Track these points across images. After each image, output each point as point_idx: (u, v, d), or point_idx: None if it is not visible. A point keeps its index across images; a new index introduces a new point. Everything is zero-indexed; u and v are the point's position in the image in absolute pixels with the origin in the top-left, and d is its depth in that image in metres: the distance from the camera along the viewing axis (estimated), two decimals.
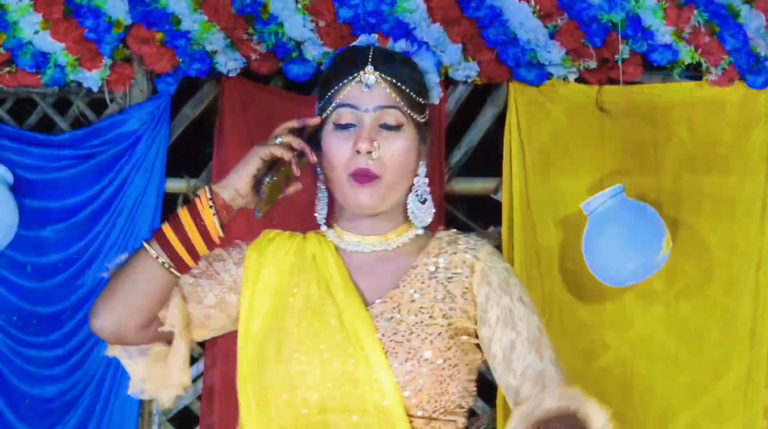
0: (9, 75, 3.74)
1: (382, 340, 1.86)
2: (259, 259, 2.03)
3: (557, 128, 3.76)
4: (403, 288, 1.92)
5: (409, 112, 1.94)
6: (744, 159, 3.75)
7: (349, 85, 1.94)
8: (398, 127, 1.93)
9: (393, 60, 1.96)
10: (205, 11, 3.67)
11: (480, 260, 1.93)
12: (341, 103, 1.94)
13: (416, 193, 1.97)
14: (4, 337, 3.77)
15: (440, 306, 1.90)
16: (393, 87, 1.93)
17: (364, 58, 1.94)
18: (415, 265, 1.95)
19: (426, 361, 1.85)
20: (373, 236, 1.98)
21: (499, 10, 3.67)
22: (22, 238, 3.75)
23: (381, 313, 1.90)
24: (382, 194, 1.93)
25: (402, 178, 1.94)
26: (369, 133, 1.91)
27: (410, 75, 1.96)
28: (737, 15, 3.67)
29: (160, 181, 3.79)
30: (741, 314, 3.71)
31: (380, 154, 1.91)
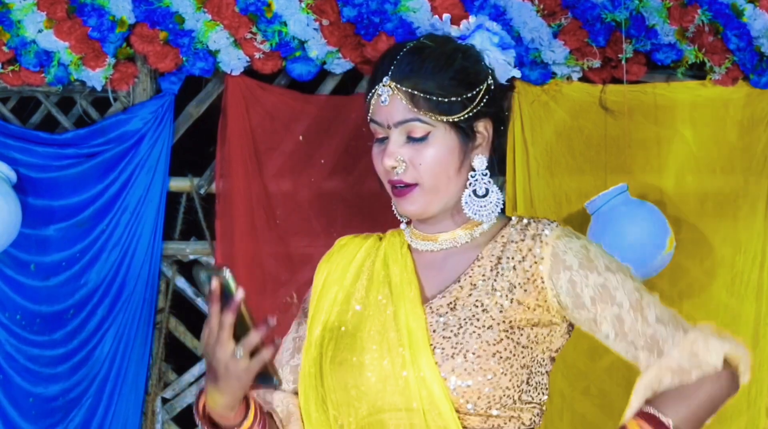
0: (13, 74, 3.74)
1: (433, 337, 1.83)
2: (328, 268, 2.00)
3: (561, 127, 3.76)
4: (464, 281, 1.89)
5: (436, 117, 1.86)
6: (747, 158, 3.75)
7: (372, 100, 1.89)
8: (424, 138, 1.87)
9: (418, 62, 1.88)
10: (209, 10, 3.67)
11: (548, 245, 1.87)
12: (371, 119, 1.90)
13: (471, 188, 1.91)
14: (8, 336, 3.77)
15: (496, 298, 1.85)
16: (411, 98, 1.85)
17: (386, 67, 1.88)
18: (480, 257, 1.90)
19: (473, 356, 1.80)
20: (442, 234, 1.93)
21: (503, 9, 3.67)
22: (26, 237, 3.75)
23: (438, 309, 1.86)
24: (426, 200, 1.88)
25: (445, 181, 1.88)
26: (392, 148, 1.87)
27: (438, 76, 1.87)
28: (741, 14, 3.67)
29: (164, 180, 3.79)
30: (744, 313, 3.71)
31: (411, 165, 1.87)
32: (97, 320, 3.75)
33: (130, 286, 3.76)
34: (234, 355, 1.69)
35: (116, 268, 3.76)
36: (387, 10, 3.64)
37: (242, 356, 1.69)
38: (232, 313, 1.68)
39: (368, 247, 2.01)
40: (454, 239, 1.93)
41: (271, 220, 3.79)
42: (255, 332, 1.69)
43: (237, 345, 1.69)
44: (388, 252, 1.97)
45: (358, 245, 2.02)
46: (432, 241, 1.94)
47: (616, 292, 1.89)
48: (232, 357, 1.69)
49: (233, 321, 1.69)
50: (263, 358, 1.70)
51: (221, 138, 3.79)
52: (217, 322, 1.69)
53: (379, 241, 2.02)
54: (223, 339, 1.69)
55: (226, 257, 3.75)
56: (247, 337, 1.69)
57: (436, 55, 1.89)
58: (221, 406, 1.77)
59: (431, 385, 1.80)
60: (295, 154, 3.79)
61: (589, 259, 1.90)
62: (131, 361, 3.75)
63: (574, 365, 3.61)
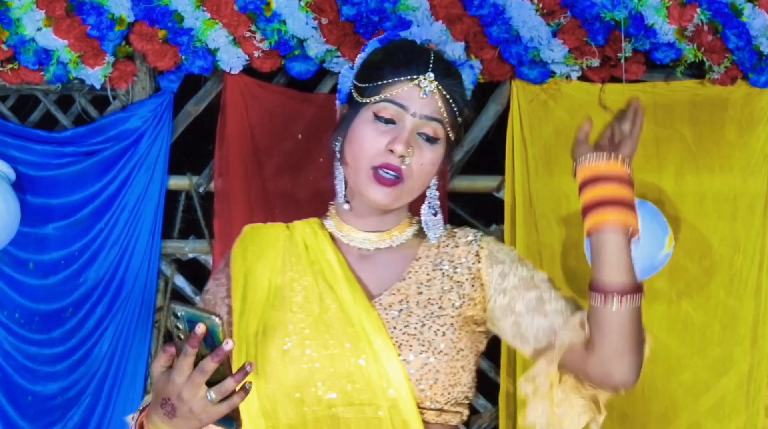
0: (12, 72, 3.74)
1: (394, 333, 1.86)
2: (245, 257, 2.00)
3: (560, 126, 3.76)
4: (409, 280, 1.93)
5: (448, 128, 1.93)
6: (746, 157, 3.75)
7: (405, 84, 1.90)
8: (435, 140, 1.92)
9: (451, 73, 1.94)
10: (208, 9, 3.67)
11: (484, 247, 1.96)
12: (391, 99, 1.90)
13: (429, 205, 1.97)
14: (6, 334, 3.77)
15: (448, 296, 1.91)
16: (445, 101, 1.91)
17: (426, 62, 1.91)
18: (417, 257, 1.95)
19: (441, 353, 1.85)
20: (377, 233, 1.98)
21: (502, 8, 3.67)
22: (25, 235, 3.75)
23: (389, 306, 1.89)
24: (398, 197, 1.92)
25: (420, 187, 1.94)
26: (407, 136, 1.89)
27: (461, 92, 1.95)
28: (740, 13, 3.67)
29: (163, 178, 3.79)
30: (743, 313, 3.71)
31: (412, 161, 1.89)
32: (96, 318, 3.75)
33: (128, 285, 3.76)
34: (203, 398, 1.66)
35: (115, 267, 3.76)
36: (386, 8, 3.64)
37: (213, 400, 1.66)
38: (219, 362, 1.65)
39: (283, 237, 2.01)
40: (390, 240, 1.97)
41: (270, 219, 3.75)
42: (231, 380, 1.66)
43: (209, 389, 1.66)
44: (310, 243, 1.98)
45: (272, 235, 2.02)
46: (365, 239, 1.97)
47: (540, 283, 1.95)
48: (201, 399, 1.66)
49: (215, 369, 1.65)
50: (233, 404, 1.68)
51: (220, 136, 3.79)
52: (191, 364, 1.65)
53: (288, 230, 2.03)
54: (197, 382, 1.65)
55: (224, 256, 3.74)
56: (224, 383, 1.66)
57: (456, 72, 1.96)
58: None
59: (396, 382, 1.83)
60: (294, 153, 3.79)
61: (520, 258, 1.98)
62: (130, 360, 3.75)
63: None
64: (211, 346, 1.65)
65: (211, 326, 1.64)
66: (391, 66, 1.92)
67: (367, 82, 1.92)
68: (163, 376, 1.69)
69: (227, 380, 1.66)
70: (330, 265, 1.94)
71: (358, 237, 1.98)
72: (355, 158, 1.92)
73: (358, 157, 1.91)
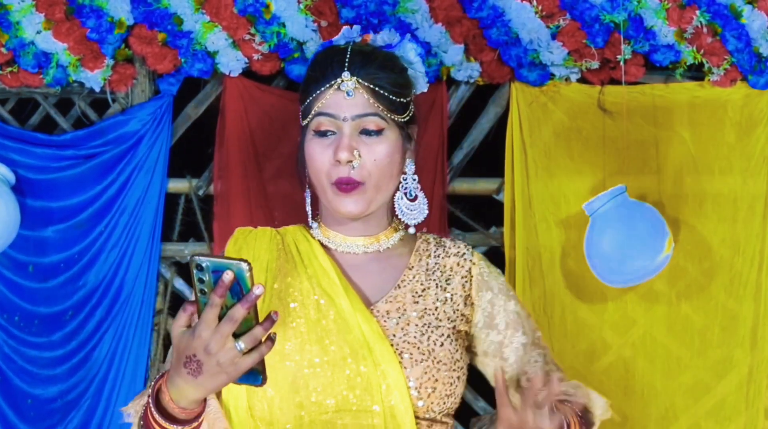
0: (11, 75, 3.74)
1: (394, 341, 1.85)
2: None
3: (559, 128, 3.76)
4: (404, 288, 1.92)
5: (389, 115, 1.90)
6: (746, 159, 3.75)
7: (327, 93, 1.89)
8: (379, 132, 1.90)
9: (371, 62, 1.92)
10: (207, 11, 3.67)
11: (475, 265, 1.96)
12: (320, 112, 1.90)
13: (404, 191, 1.95)
14: (6, 337, 3.77)
15: (444, 309, 1.91)
16: (372, 93, 1.89)
17: (341, 63, 1.90)
18: (410, 266, 1.95)
19: (440, 363, 1.85)
20: (363, 237, 1.96)
21: (501, 11, 3.67)
22: (24, 238, 3.75)
23: (387, 314, 1.89)
24: (368, 199, 1.91)
25: (387, 180, 1.92)
26: (348, 141, 1.88)
27: (390, 76, 1.92)
28: (739, 15, 3.67)
29: (162, 182, 3.79)
30: (743, 314, 3.71)
31: (362, 161, 1.88)
32: (96, 321, 3.75)
33: (128, 288, 3.76)
34: (232, 349, 1.60)
35: (115, 270, 3.76)
36: (385, 11, 3.64)
37: (243, 350, 1.61)
38: (248, 308, 1.59)
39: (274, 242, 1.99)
40: (378, 244, 1.96)
41: (270, 222, 3.78)
42: (260, 327, 1.61)
43: (237, 339, 1.61)
44: (303, 249, 1.97)
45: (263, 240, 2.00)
46: (353, 244, 1.96)
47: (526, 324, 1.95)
48: (229, 350, 1.60)
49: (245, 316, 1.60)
50: (262, 354, 1.62)
51: (220, 139, 3.79)
52: (216, 315, 1.60)
53: (280, 236, 2.01)
54: (225, 332, 1.59)
55: None
56: (253, 331, 1.61)
57: (381, 56, 1.93)
58: (190, 401, 1.68)
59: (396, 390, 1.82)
60: (294, 156, 3.76)
61: (507, 288, 1.97)
62: (129, 363, 3.75)
63: (572, 366, 3.61)
64: (238, 295, 1.59)
65: (238, 272, 1.58)
66: (313, 80, 1.92)
67: (302, 103, 1.94)
68: (184, 335, 1.63)
69: (256, 328, 1.60)
70: (325, 271, 1.93)
71: (345, 242, 1.97)
72: (314, 178, 1.92)
73: (316, 176, 1.92)
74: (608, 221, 3.51)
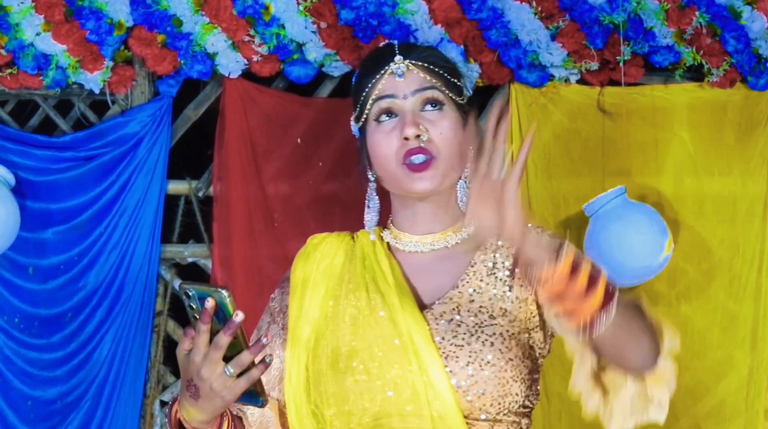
0: (11, 77, 3.74)
1: (442, 344, 1.82)
2: (305, 266, 1.99)
3: (559, 129, 3.76)
4: (462, 288, 1.88)
5: (447, 92, 1.90)
6: (745, 160, 3.75)
7: (382, 80, 1.90)
8: (440, 104, 1.89)
9: (417, 47, 1.94)
10: (207, 13, 3.67)
11: None
12: (378, 97, 1.89)
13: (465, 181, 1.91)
14: (6, 339, 3.77)
15: (500, 304, 1.86)
16: (426, 70, 1.89)
17: (390, 52, 1.91)
18: (473, 263, 1.90)
19: (488, 364, 1.80)
20: (432, 235, 1.94)
21: (501, 12, 3.67)
22: (24, 240, 3.75)
23: (441, 315, 1.85)
24: (441, 174, 1.87)
25: (456, 158, 1.89)
26: (412, 117, 1.87)
27: (440, 57, 1.93)
28: (739, 16, 3.67)
29: (162, 183, 3.79)
30: (742, 315, 3.71)
31: (429, 136, 1.86)
32: (96, 323, 3.75)
33: (128, 289, 3.76)
34: (222, 374, 1.66)
35: (114, 271, 3.76)
36: (385, 12, 3.64)
37: (232, 375, 1.66)
38: (231, 335, 1.65)
39: (345, 247, 1.99)
40: (445, 240, 1.93)
41: (269, 223, 3.78)
42: (247, 352, 1.66)
43: (227, 364, 1.66)
44: (368, 253, 1.96)
45: (335, 245, 2.01)
46: (420, 242, 1.94)
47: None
48: (219, 375, 1.66)
49: (229, 343, 1.65)
50: (253, 378, 1.67)
51: (219, 141, 3.79)
52: (206, 341, 1.66)
53: (352, 240, 2.01)
54: (214, 359, 1.65)
55: (223, 260, 3.75)
56: (240, 356, 1.66)
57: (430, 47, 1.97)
58: (198, 421, 1.74)
59: (442, 393, 1.80)
60: (293, 157, 3.79)
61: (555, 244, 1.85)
62: (129, 364, 3.75)
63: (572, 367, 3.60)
64: (224, 321, 1.65)
65: (219, 300, 1.64)
66: (364, 78, 1.92)
67: (358, 102, 1.93)
68: (186, 359, 1.69)
69: (243, 353, 1.65)
70: (383, 273, 1.92)
71: (412, 241, 1.94)
72: (383, 167, 1.90)
73: (384, 163, 1.89)
74: (608, 222, 3.51)
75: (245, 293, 3.68)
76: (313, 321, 1.93)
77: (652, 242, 3.51)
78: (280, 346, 1.97)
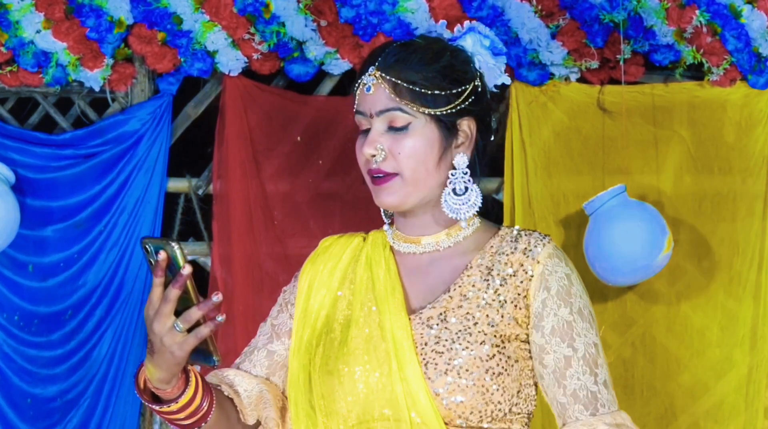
0: (11, 74, 3.74)
1: (424, 350, 1.81)
2: (313, 269, 1.99)
3: (559, 128, 3.76)
4: (453, 292, 1.86)
5: (417, 108, 1.85)
6: (745, 159, 3.75)
7: (358, 90, 1.89)
8: (404, 128, 1.86)
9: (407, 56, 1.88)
10: (207, 11, 3.67)
11: (539, 263, 1.85)
12: (355, 110, 1.90)
13: (451, 186, 1.88)
14: (6, 337, 3.77)
15: (487, 312, 1.83)
16: (392, 87, 1.85)
17: (372, 60, 1.89)
18: (469, 267, 1.88)
19: (466, 372, 1.78)
20: (425, 236, 1.92)
21: (501, 10, 3.67)
22: (24, 238, 3.75)
23: (427, 320, 1.84)
24: (405, 192, 1.87)
25: (424, 173, 1.87)
26: (373, 136, 1.86)
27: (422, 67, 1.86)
28: (739, 15, 3.67)
29: (162, 181, 3.79)
30: (742, 314, 3.71)
31: (390, 155, 1.85)
32: (96, 321, 3.75)
33: (128, 287, 3.76)
34: (172, 329, 1.66)
35: (114, 269, 3.76)
36: (385, 10, 3.64)
37: (181, 330, 1.66)
38: (179, 288, 1.64)
39: (353, 248, 1.99)
40: (437, 243, 1.91)
41: (269, 221, 3.79)
42: (196, 308, 1.66)
43: (177, 319, 1.66)
44: (371, 254, 1.95)
45: (343, 246, 2.00)
46: (414, 244, 1.93)
47: (578, 338, 1.84)
48: (170, 330, 1.66)
49: (178, 296, 1.65)
50: (201, 334, 1.67)
51: (219, 139, 3.79)
52: (159, 295, 1.66)
53: (363, 241, 2.00)
54: (164, 312, 1.66)
55: (223, 258, 3.75)
56: (189, 311, 1.66)
57: (423, 49, 1.89)
58: (157, 379, 1.73)
59: (421, 400, 1.78)
60: (293, 155, 3.79)
61: (568, 293, 1.85)
62: (129, 362, 3.75)
63: None
64: (176, 274, 1.66)
65: (171, 253, 1.65)
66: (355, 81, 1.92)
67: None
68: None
69: (192, 309, 1.66)
70: (379, 275, 1.91)
71: (406, 243, 1.93)
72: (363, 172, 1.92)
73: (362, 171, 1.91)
74: (608, 221, 3.51)
75: (245, 291, 3.69)
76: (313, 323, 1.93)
77: (651, 241, 3.51)
78: (286, 333, 1.98)
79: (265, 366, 1.97)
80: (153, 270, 1.67)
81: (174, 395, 1.76)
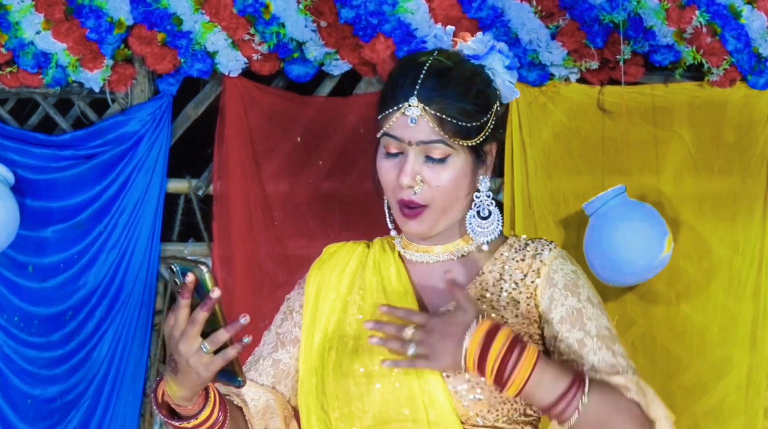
0: (11, 75, 3.74)
1: None
2: (319, 275, 2.00)
3: (559, 128, 3.76)
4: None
5: (456, 141, 1.87)
6: (745, 159, 3.75)
7: (394, 115, 1.87)
8: (443, 159, 1.87)
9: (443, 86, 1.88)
10: (207, 11, 3.67)
11: (546, 264, 1.91)
12: (387, 133, 1.88)
13: (476, 209, 1.92)
14: (6, 338, 3.77)
15: (502, 314, 1.87)
16: (437, 121, 1.86)
17: (412, 83, 1.87)
18: (481, 273, 1.91)
19: None
20: (439, 246, 1.95)
21: (501, 11, 3.67)
22: (24, 239, 3.75)
23: None
24: (433, 220, 1.90)
25: (454, 202, 1.90)
26: (412, 166, 1.86)
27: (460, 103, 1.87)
28: (739, 15, 3.67)
29: (162, 182, 3.79)
30: (742, 315, 3.70)
31: (425, 186, 1.87)
32: (96, 322, 3.75)
33: (128, 288, 3.76)
34: (199, 350, 1.67)
35: (114, 270, 3.76)
36: (385, 11, 3.64)
37: (208, 351, 1.68)
38: (207, 310, 1.66)
39: (359, 254, 2.01)
40: (452, 252, 1.94)
41: (269, 222, 3.79)
42: (224, 330, 1.68)
43: (204, 340, 1.68)
44: (379, 260, 1.97)
45: (349, 253, 2.02)
46: (427, 253, 1.95)
47: (589, 321, 1.87)
48: (196, 351, 1.67)
49: (206, 318, 1.67)
50: (228, 356, 1.69)
51: (219, 139, 3.79)
52: (186, 316, 1.68)
53: (367, 248, 2.02)
54: (191, 334, 1.67)
55: (223, 258, 3.75)
56: (216, 333, 1.68)
57: (457, 78, 1.89)
58: (179, 397, 1.75)
59: (439, 399, 1.81)
60: (293, 156, 3.79)
61: (576, 284, 1.90)
62: (129, 363, 3.75)
63: None
64: (203, 297, 1.67)
65: (199, 275, 1.66)
66: (387, 96, 1.91)
67: (378, 114, 1.92)
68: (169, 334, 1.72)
69: (220, 331, 1.67)
70: (391, 281, 1.93)
71: (418, 252, 1.96)
72: (384, 192, 1.93)
73: (385, 189, 1.92)
74: (608, 221, 3.51)
75: (245, 292, 3.69)
76: (324, 327, 1.94)
77: (651, 241, 3.51)
78: (291, 342, 1.99)
79: (271, 375, 1.98)
80: (179, 291, 1.68)
81: (194, 411, 1.78)
